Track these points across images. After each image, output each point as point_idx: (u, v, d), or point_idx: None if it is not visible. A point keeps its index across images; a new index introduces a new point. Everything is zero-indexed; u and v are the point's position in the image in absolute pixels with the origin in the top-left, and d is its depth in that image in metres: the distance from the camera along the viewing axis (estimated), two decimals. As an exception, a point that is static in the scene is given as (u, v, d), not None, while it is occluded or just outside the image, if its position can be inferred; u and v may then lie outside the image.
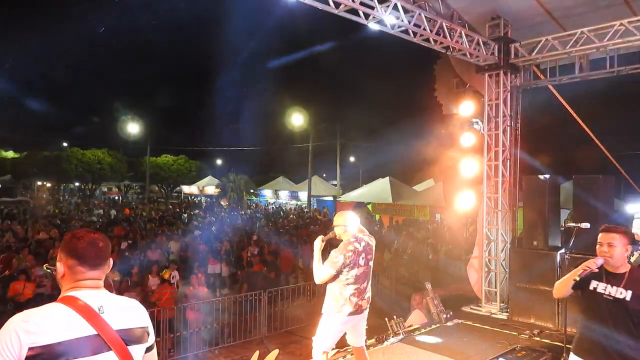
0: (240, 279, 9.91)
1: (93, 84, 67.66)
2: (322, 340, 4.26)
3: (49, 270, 2.76)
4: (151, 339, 1.96)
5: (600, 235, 3.21)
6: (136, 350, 1.85)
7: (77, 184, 43.10)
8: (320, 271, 4.16)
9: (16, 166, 40.62)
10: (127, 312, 1.88)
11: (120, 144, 41.88)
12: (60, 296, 1.81)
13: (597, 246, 3.22)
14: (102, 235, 1.96)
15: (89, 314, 1.73)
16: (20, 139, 41.35)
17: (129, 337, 1.83)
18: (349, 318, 4.16)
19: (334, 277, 4.14)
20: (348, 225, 4.21)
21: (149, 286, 8.46)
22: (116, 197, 44.23)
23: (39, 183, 45.87)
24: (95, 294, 1.83)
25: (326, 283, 4.21)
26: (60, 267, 1.84)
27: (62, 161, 37.16)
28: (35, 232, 14.31)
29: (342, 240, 4.23)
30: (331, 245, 4.28)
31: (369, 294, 4.30)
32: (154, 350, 2.00)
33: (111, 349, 1.75)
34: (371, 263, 4.30)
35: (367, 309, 4.32)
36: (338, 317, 4.15)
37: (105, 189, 48.31)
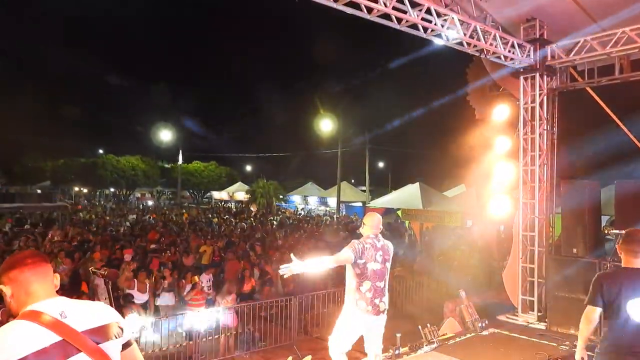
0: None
1: (127, 92, 69.73)
2: (337, 339, 4.37)
3: (95, 273, 2.83)
4: (127, 334, 1.95)
5: None
6: (110, 347, 1.85)
7: (112, 189, 44.36)
8: (336, 255, 4.25)
9: (55, 173, 42.14)
10: (92, 313, 1.88)
11: (154, 151, 43.01)
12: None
13: None
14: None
15: (51, 323, 1.74)
16: (59, 146, 42.87)
17: (99, 335, 1.83)
18: (364, 316, 4.23)
19: (352, 268, 4.25)
20: (366, 224, 4.43)
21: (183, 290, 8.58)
22: (149, 202, 45.30)
23: (76, 189, 47.48)
24: (52, 302, 1.83)
25: (345, 273, 4.35)
26: (5, 289, 1.85)
27: (98, 168, 38.36)
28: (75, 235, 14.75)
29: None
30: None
31: (386, 298, 4.37)
32: (134, 347, 2.00)
33: (81, 351, 1.74)
34: (388, 265, 4.42)
35: (385, 314, 4.37)
36: (352, 311, 4.26)
37: (139, 195, 49.56)
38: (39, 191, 40.83)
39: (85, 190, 48.56)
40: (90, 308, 1.91)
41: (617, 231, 5.15)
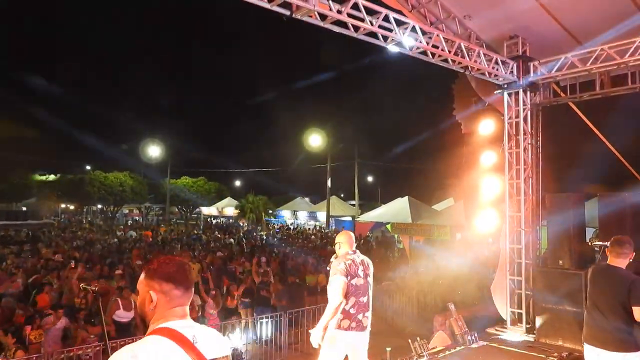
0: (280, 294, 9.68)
1: (115, 108, 69.46)
2: None
3: (85, 289, 2.82)
4: None
5: None
6: None
7: (99, 206, 43.85)
8: (332, 289, 4.20)
9: (41, 189, 41.61)
10: (215, 342, 1.94)
11: (142, 167, 42.71)
12: (152, 328, 1.83)
13: None
14: (186, 261, 1.98)
15: (187, 345, 1.78)
16: (45, 162, 42.44)
17: None
18: (348, 334, 4.18)
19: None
20: (343, 242, 4.44)
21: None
22: (138, 219, 44.84)
23: (63, 206, 46.87)
24: (187, 324, 1.86)
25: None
26: (153, 295, 1.85)
27: (85, 184, 37.95)
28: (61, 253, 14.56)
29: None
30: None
31: (370, 313, 4.35)
32: None
33: None
34: (370, 279, 4.41)
35: (369, 330, 4.34)
36: (337, 332, 4.18)
37: (127, 211, 49.04)
38: (24, 208, 40.27)
39: (72, 207, 47.96)
40: (214, 337, 1.96)
41: (602, 243, 5.24)
